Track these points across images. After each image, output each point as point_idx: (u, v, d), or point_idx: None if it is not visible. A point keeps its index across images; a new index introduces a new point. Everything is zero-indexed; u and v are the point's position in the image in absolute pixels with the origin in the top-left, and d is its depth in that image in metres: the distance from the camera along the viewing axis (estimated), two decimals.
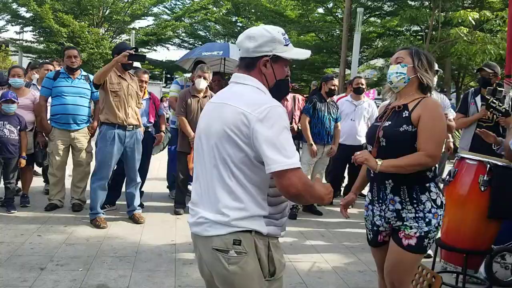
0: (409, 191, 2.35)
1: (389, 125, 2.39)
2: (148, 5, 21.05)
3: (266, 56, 1.87)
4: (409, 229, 2.35)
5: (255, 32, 1.89)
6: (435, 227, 2.34)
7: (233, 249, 1.77)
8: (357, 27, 11.18)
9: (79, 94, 5.22)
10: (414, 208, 2.35)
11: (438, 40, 12.75)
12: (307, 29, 19.81)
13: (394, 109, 2.44)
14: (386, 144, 2.38)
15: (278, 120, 1.73)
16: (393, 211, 2.40)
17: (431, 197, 2.34)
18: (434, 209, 2.34)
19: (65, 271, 3.62)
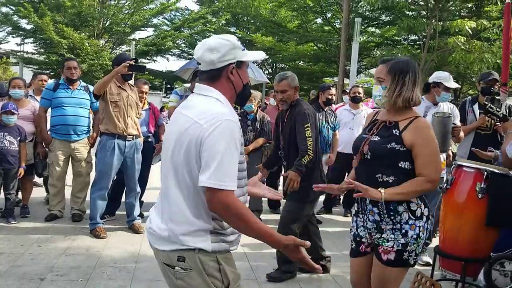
0: (386, 203, 2.35)
1: (378, 140, 2.41)
2: (148, 16, 21.20)
3: (231, 64, 1.90)
4: (386, 242, 2.36)
5: (215, 43, 1.89)
6: (413, 239, 2.33)
7: (178, 266, 1.82)
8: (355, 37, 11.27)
9: (79, 105, 5.25)
10: (391, 220, 2.36)
11: (435, 49, 12.83)
12: (305, 39, 19.92)
13: (384, 124, 2.45)
14: (370, 157, 2.41)
15: (228, 136, 1.74)
16: (373, 222, 2.43)
17: (410, 207, 2.35)
18: (412, 221, 2.33)
19: (65, 282, 3.62)
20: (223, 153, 1.71)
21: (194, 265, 1.80)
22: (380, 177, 2.38)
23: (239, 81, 1.94)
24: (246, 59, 1.95)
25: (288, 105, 3.94)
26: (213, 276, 1.82)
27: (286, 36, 19.93)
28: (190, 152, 1.76)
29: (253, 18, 21.50)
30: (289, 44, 19.78)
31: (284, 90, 3.88)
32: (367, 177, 2.43)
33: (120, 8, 20.57)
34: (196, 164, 1.75)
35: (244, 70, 1.98)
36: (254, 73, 7.54)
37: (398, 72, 2.37)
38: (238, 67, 1.93)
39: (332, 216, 6.19)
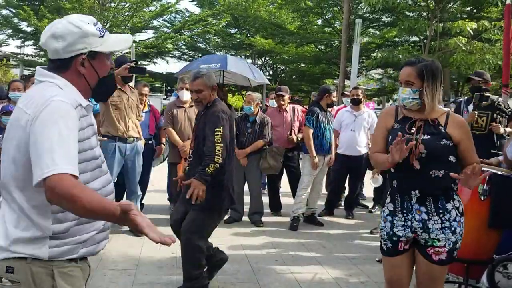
0: (434, 201, 2.41)
1: (430, 138, 2.43)
2: (148, 18, 21.21)
3: (81, 55, 1.63)
4: (437, 242, 2.40)
5: (62, 29, 1.60)
6: (460, 235, 2.42)
7: (5, 277, 1.56)
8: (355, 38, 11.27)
9: None
10: (440, 219, 2.40)
11: (436, 50, 12.81)
12: (306, 41, 19.91)
13: (426, 122, 2.47)
14: (426, 155, 2.42)
15: (56, 117, 1.49)
16: (420, 221, 2.43)
17: (455, 205, 2.43)
18: (459, 217, 2.42)
19: None
20: (53, 138, 1.46)
21: (24, 278, 1.55)
22: (433, 173, 2.42)
23: (92, 74, 1.67)
24: (102, 49, 1.67)
25: (204, 106, 3.54)
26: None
27: (287, 37, 19.90)
28: (20, 146, 1.53)
29: (253, 20, 21.49)
30: (289, 46, 19.76)
31: (199, 89, 3.48)
32: (418, 174, 2.42)
33: (120, 10, 20.58)
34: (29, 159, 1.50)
35: (102, 61, 1.69)
36: (254, 74, 7.53)
37: (427, 74, 2.41)
38: (92, 57, 1.65)
39: (334, 218, 6.17)
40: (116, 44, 1.75)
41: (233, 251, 4.60)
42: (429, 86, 2.40)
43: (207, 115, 3.47)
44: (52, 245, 1.57)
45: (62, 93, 1.57)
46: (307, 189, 5.66)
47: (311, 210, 5.90)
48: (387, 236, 2.54)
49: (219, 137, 3.33)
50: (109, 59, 1.75)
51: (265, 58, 23.70)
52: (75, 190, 1.43)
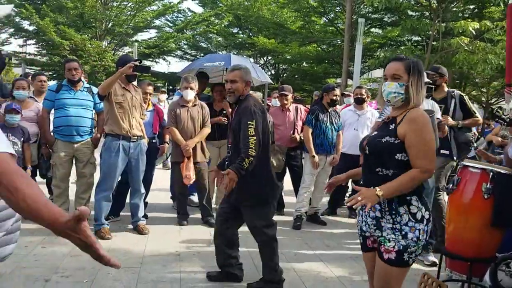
0: (388, 201, 2.38)
1: (375, 135, 2.50)
2: (150, 17, 21.23)
3: None
4: (387, 242, 2.39)
5: None
6: (413, 242, 2.35)
7: None
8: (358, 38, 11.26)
9: (81, 106, 5.24)
10: (392, 219, 2.39)
11: (439, 50, 12.80)
12: (308, 40, 19.91)
13: (385, 121, 2.53)
14: (369, 152, 2.47)
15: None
16: (373, 218, 2.47)
17: (410, 210, 2.36)
18: (412, 223, 2.35)
19: (70, 283, 3.62)
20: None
21: None
22: (380, 171, 2.42)
23: None
24: None
25: (236, 98, 3.64)
26: None
27: (289, 37, 19.90)
28: None
29: (255, 19, 21.49)
30: (291, 45, 19.75)
31: (234, 80, 3.60)
32: (369, 172, 2.50)
33: (123, 10, 20.60)
34: None
35: None
36: (257, 73, 7.52)
37: (414, 69, 2.42)
38: None
39: (337, 218, 6.17)
40: None
41: None
42: (415, 82, 2.41)
43: (240, 110, 3.60)
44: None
45: None
46: (308, 188, 5.67)
47: (314, 209, 5.91)
48: (359, 232, 2.65)
49: (252, 130, 3.43)
50: None
51: (267, 58, 23.70)
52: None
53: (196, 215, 5.73)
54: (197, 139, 5.38)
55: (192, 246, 4.68)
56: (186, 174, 5.25)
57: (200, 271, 4.02)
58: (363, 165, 2.58)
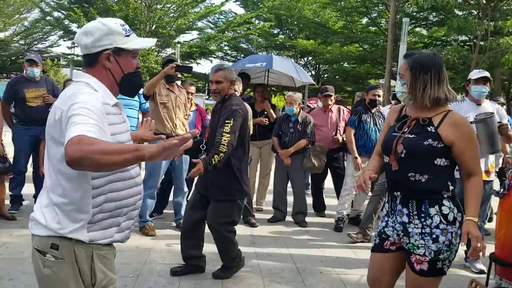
0: (417, 204, 2.26)
1: (413, 137, 2.28)
2: (193, 19, 21.55)
3: (106, 50, 1.81)
4: (416, 249, 2.24)
5: (91, 26, 1.81)
6: (445, 246, 2.20)
7: (50, 253, 1.73)
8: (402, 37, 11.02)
9: (128, 106, 5.37)
10: (421, 223, 2.24)
11: (487, 50, 12.38)
12: (350, 40, 19.67)
13: (417, 121, 2.31)
14: (405, 156, 2.28)
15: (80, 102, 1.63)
16: (401, 223, 2.32)
17: (442, 211, 2.22)
18: (443, 225, 2.20)
19: (116, 277, 3.70)
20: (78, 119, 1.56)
21: (67, 255, 1.73)
22: (413, 176, 2.26)
23: (117, 69, 1.84)
24: (127, 46, 1.84)
25: (222, 97, 3.69)
26: (83, 272, 1.76)
27: (331, 37, 19.72)
28: (57, 137, 1.68)
29: (296, 20, 21.43)
30: (332, 45, 19.58)
31: (219, 80, 3.65)
32: (398, 176, 2.32)
33: (166, 12, 21.01)
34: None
35: (127, 58, 1.86)
36: (299, 74, 7.49)
37: (419, 68, 2.25)
38: (117, 54, 1.82)
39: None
40: (139, 43, 1.91)
41: (277, 250, 4.61)
42: (417, 80, 2.24)
43: (223, 108, 3.65)
44: (91, 229, 1.75)
45: (90, 92, 1.73)
46: (350, 190, 5.60)
47: (356, 211, 5.83)
48: (378, 233, 2.48)
49: (228, 127, 3.47)
50: (135, 58, 1.90)
51: (308, 58, 23.59)
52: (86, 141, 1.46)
53: None
54: None
55: None
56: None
57: (242, 271, 4.02)
58: (389, 169, 2.38)
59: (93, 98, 1.69)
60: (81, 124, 1.52)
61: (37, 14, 23.19)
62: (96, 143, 1.46)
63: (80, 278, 1.75)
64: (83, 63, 1.86)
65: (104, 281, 1.82)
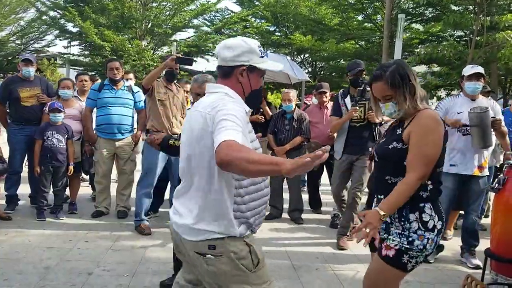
0: (399, 208, 2.26)
1: (382, 142, 2.41)
2: (189, 17, 21.48)
3: (243, 66, 1.99)
4: (391, 241, 2.29)
5: (234, 42, 2.01)
6: (418, 249, 2.23)
7: (209, 253, 1.93)
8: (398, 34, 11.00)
9: (123, 105, 5.37)
10: (401, 226, 2.28)
11: (483, 45, 12.37)
12: (346, 37, 19.64)
13: (393, 126, 2.44)
14: (378, 160, 2.41)
15: (229, 109, 1.82)
16: (384, 222, 2.32)
17: (422, 218, 2.24)
18: (421, 231, 2.23)
19: (112, 277, 3.71)
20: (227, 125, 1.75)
21: (225, 251, 1.91)
22: (389, 179, 2.33)
23: (247, 84, 2.04)
24: (260, 66, 2.03)
25: None
26: (243, 258, 1.94)
27: (327, 34, 19.68)
28: (207, 141, 1.85)
29: (293, 17, 21.38)
30: (329, 42, 19.54)
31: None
32: (378, 181, 2.42)
33: (162, 10, 20.95)
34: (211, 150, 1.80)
35: (256, 76, 2.06)
36: (294, 71, 7.50)
37: (399, 79, 2.27)
38: (250, 71, 2.02)
39: None
40: (271, 66, 2.10)
41: (273, 247, 4.61)
42: (402, 93, 2.26)
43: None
44: (238, 225, 1.94)
45: (233, 100, 1.94)
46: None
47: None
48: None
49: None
50: (262, 77, 2.12)
51: (304, 55, 23.55)
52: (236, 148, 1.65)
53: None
54: None
55: None
56: None
57: None
58: (373, 174, 2.52)
59: (238, 107, 1.88)
60: (231, 130, 1.71)
61: (33, 13, 23.08)
62: (244, 151, 1.64)
63: (242, 265, 1.93)
64: (218, 74, 2.06)
65: (263, 257, 2.02)
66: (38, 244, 4.40)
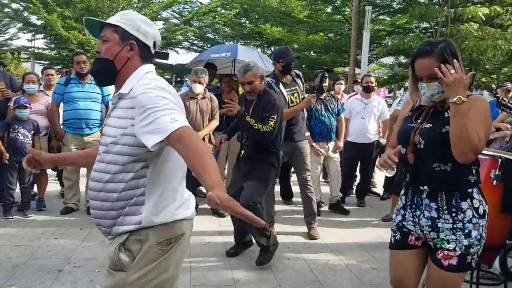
0: (447, 197, 2.13)
1: (430, 127, 2.17)
2: (157, 9, 21.18)
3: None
4: (446, 244, 2.12)
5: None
6: (476, 240, 2.11)
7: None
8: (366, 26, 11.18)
9: (90, 99, 5.29)
10: (452, 218, 2.12)
11: (448, 36, 12.66)
12: (315, 29, 19.75)
13: (434, 109, 2.20)
14: (425, 146, 2.16)
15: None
16: (428, 218, 2.17)
17: (473, 205, 2.12)
18: (476, 219, 2.10)
19: (82, 273, 3.67)
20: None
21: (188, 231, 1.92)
22: (438, 166, 2.14)
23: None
24: None
25: (256, 95, 3.98)
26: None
27: (296, 26, 19.75)
28: None
29: (262, 9, 21.35)
30: (299, 34, 19.62)
31: (250, 81, 3.90)
32: (424, 168, 2.19)
33: (129, 2, 20.57)
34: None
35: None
36: (265, 63, 7.49)
37: (451, 57, 2.08)
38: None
39: (346, 206, 6.17)
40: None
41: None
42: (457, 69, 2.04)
43: (261, 103, 3.93)
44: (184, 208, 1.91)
45: None
46: (317, 177, 5.68)
47: (336, 198, 5.89)
48: (397, 228, 2.34)
49: (272, 122, 3.81)
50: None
51: (275, 47, 23.60)
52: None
53: (205, 205, 5.75)
54: (205, 132, 5.39)
55: (202, 236, 4.72)
56: None
57: (209, 260, 4.06)
58: (415, 162, 2.22)
59: None
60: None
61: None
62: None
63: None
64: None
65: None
66: (4, 243, 4.31)
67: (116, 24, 1.87)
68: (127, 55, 1.87)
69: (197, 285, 3.53)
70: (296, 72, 5.06)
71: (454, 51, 2.11)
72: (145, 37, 1.90)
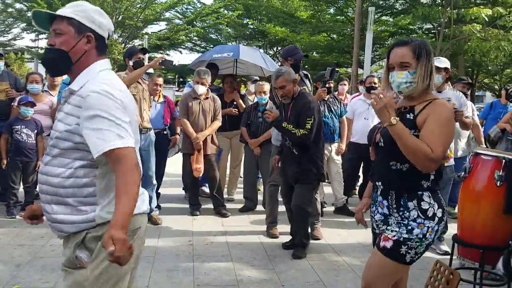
0: (397, 196, 2.23)
1: None
2: (160, 10, 21.21)
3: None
4: (389, 231, 2.23)
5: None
6: (418, 238, 2.16)
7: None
8: (369, 26, 11.16)
9: None
10: (399, 216, 2.23)
11: (451, 37, 12.66)
12: (318, 30, 19.77)
13: (399, 110, 2.26)
14: (384, 145, 2.27)
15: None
16: (381, 214, 2.32)
17: (421, 206, 2.19)
18: (421, 219, 2.17)
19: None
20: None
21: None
22: (394, 165, 2.23)
23: None
24: None
25: (291, 98, 4.11)
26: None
27: (299, 26, 19.77)
28: None
29: (265, 9, 21.38)
30: (302, 34, 19.63)
31: (282, 86, 4.05)
32: (382, 167, 2.30)
33: (133, 3, 20.60)
34: None
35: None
36: (267, 63, 7.49)
37: (425, 54, 2.17)
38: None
39: (348, 207, 6.17)
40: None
41: (248, 239, 4.65)
42: (424, 66, 2.16)
43: (298, 106, 4.08)
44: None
45: None
46: None
47: (341, 201, 5.88)
48: (371, 230, 2.49)
49: (309, 125, 3.98)
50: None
51: (277, 48, 23.60)
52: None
53: (208, 205, 5.77)
54: (207, 132, 5.39)
55: (205, 236, 4.73)
56: (196, 167, 5.28)
57: (212, 260, 4.07)
58: (376, 159, 2.39)
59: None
60: None
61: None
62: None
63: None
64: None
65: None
66: (8, 242, 4.33)
67: (70, 16, 1.82)
68: (85, 48, 1.84)
69: (200, 285, 3.54)
70: (304, 72, 5.06)
71: (429, 52, 2.20)
72: (100, 28, 1.88)
